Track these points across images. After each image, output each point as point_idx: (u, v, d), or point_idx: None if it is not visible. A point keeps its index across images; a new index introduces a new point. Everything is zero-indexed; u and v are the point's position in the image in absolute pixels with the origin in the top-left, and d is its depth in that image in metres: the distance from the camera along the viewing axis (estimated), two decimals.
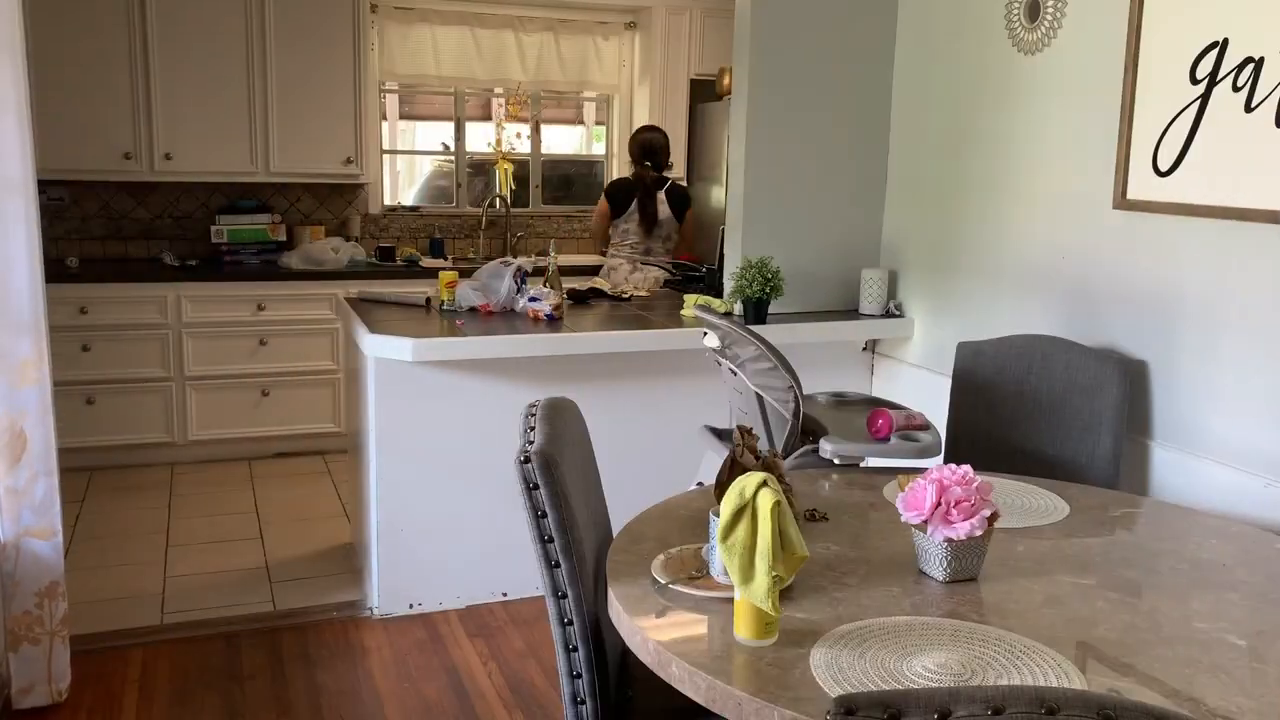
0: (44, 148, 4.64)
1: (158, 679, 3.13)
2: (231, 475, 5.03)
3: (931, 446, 2.64)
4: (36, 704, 2.90)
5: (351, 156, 5.47)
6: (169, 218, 5.53)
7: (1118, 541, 2.15)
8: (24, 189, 2.71)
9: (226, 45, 5.17)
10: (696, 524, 2.08)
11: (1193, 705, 1.46)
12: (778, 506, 1.60)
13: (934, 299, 3.76)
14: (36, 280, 2.76)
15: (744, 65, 3.79)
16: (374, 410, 3.48)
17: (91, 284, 4.92)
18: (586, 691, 1.88)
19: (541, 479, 1.80)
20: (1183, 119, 2.73)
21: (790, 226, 3.88)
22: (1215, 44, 2.63)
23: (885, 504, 2.27)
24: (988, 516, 1.81)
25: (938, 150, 3.70)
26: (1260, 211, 2.54)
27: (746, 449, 1.92)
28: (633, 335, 3.60)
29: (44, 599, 2.87)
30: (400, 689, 3.12)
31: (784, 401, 2.67)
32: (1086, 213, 3.06)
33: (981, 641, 1.61)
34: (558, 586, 1.84)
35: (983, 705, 1.04)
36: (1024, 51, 3.27)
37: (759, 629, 1.59)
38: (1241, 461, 2.64)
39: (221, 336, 5.12)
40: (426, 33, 5.90)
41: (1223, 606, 1.80)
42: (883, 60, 3.90)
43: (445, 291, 3.82)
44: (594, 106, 6.54)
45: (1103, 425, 2.83)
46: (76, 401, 4.85)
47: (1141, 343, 2.91)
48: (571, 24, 6.18)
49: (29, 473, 2.81)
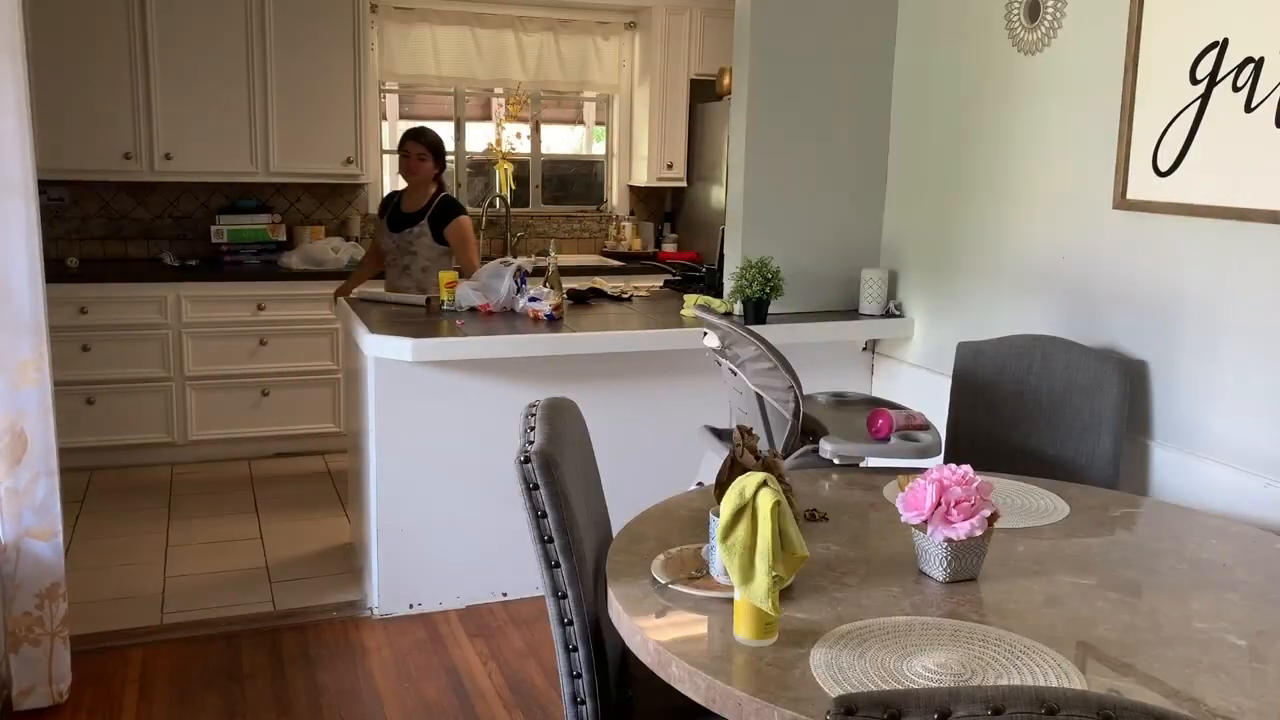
0: (44, 148, 4.64)
1: (158, 679, 3.13)
2: (231, 475, 5.03)
3: (931, 446, 2.64)
4: (37, 705, 2.90)
5: (351, 156, 5.48)
6: (169, 218, 5.53)
7: (1118, 541, 2.15)
8: (24, 189, 2.71)
9: (227, 45, 5.17)
10: (696, 524, 2.08)
11: (1193, 705, 1.46)
12: (778, 506, 1.60)
13: (934, 299, 3.76)
14: (37, 280, 2.76)
15: (744, 65, 3.79)
16: (374, 410, 3.48)
17: (91, 284, 4.93)
18: (586, 691, 1.88)
19: (541, 479, 1.80)
20: (1183, 119, 2.73)
21: (790, 226, 3.87)
22: (1215, 44, 2.63)
23: (885, 504, 2.27)
24: (988, 516, 1.81)
25: (938, 150, 3.70)
26: (1260, 211, 2.54)
27: (746, 449, 1.92)
28: (633, 335, 3.60)
29: (44, 600, 2.87)
30: (400, 689, 3.12)
31: (784, 401, 2.67)
32: (1086, 213, 3.06)
33: (981, 641, 1.61)
34: (558, 586, 1.84)
35: (983, 705, 1.04)
36: (1024, 51, 3.27)
37: (759, 629, 1.59)
38: (1241, 461, 2.64)
39: (221, 336, 5.12)
40: (426, 33, 5.90)
41: (1223, 606, 1.80)
42: (883, 60, 3.90)
43: (445, 291, 3.82)
44: (594, 106, 6.54)
45: (1103, 425, 2.83)
46: (76, 402, 4.85)
47: (1141, 343, 2.91)
48: (571, 24, 6.18)
49: (29, 473, 2.81)
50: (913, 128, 3.83)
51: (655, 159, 6.20)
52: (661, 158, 6.20)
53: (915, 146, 3.82)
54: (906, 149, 3.87)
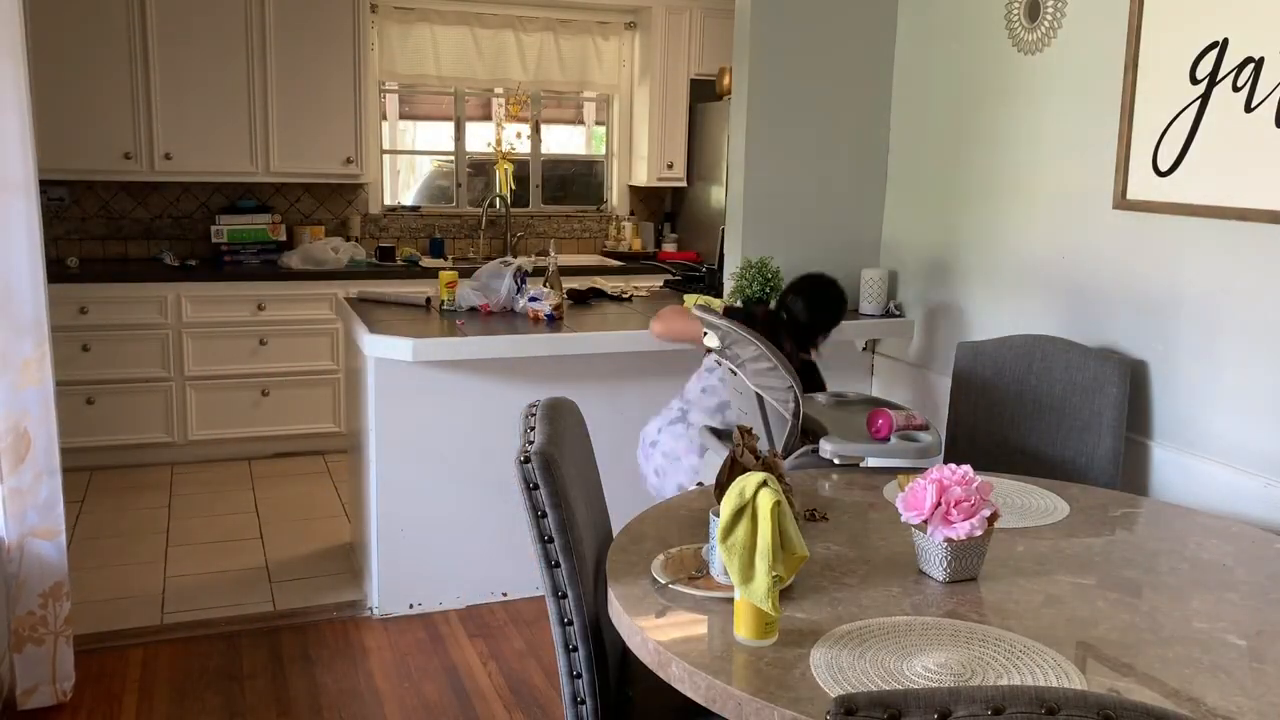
0: (44, 148, 4.62)
1: (158, 679, 3.13)
2: (231, 475, 5.03)
3: (931, 447, 2.64)
4: (41, 704, 2.90)
5: (351, 156, 5.47)
6: (169, 218, 5.53)
7: (1118, 541, 2.15)
8: (25, 189, 2.71)
9: (227, 45, 5.17)
10: (696, 524, 2.08)
11: (1193, 705, 1.46)
12: (778, 506, 1.60)
13: (934, 299, 3.76)
14: (38, 280, 2.76)
15: (744, 65, 3.79)
16: (374, 410, 3.48)
17: (91, 284, 4.93)
18: (586, 691, 1.88)
19: (541, 479, 1.81)
20: (1183, 119, 2.73)
21: (790, 226, 3.87)
22: (1215, 44, 2.63)
23: (885, 504, 2.27)
24: (988, 516, 1.81)
25: (938, 150, 3.70)
26: (1260, 211, 2.54)
27: (746, 449, 1.92)
28: (633, 335, 3.60)
29: (48, 599, 2.87)
30: (400, 689, 3.12)
31: (784, 401, 2.67)
32: (1086, 213, 3.06)
33: (981, 641, 1.61)
34: (558, 586, 1.84)
35: (983, 705, 1.04)
36: (1024, 51, 3.27)
37: (759, 629, 1.59)
38: (1241, 461, 2.64)
39: (221, 336, 5.12)
40: (426, 33, 5.90)
41: (1223, 606, 1.80)
42: (883, 60, 3.90)
43: (445, 291, 3.82)
44: (594, 106, 6.54)
45: (1103, 425, 2.83)
46: (77, 401, 4.85)
47: (1141, 343, 2.91)
48: (571, 24, 6.18)
49: (33, 473, 2.82)
50: (913, 128, 3.83)
51: (655, 159, 6.20)
52: (661, 158, 6.20)
53: (915, 146, 3.82)
54: (906, 149, 3.87)
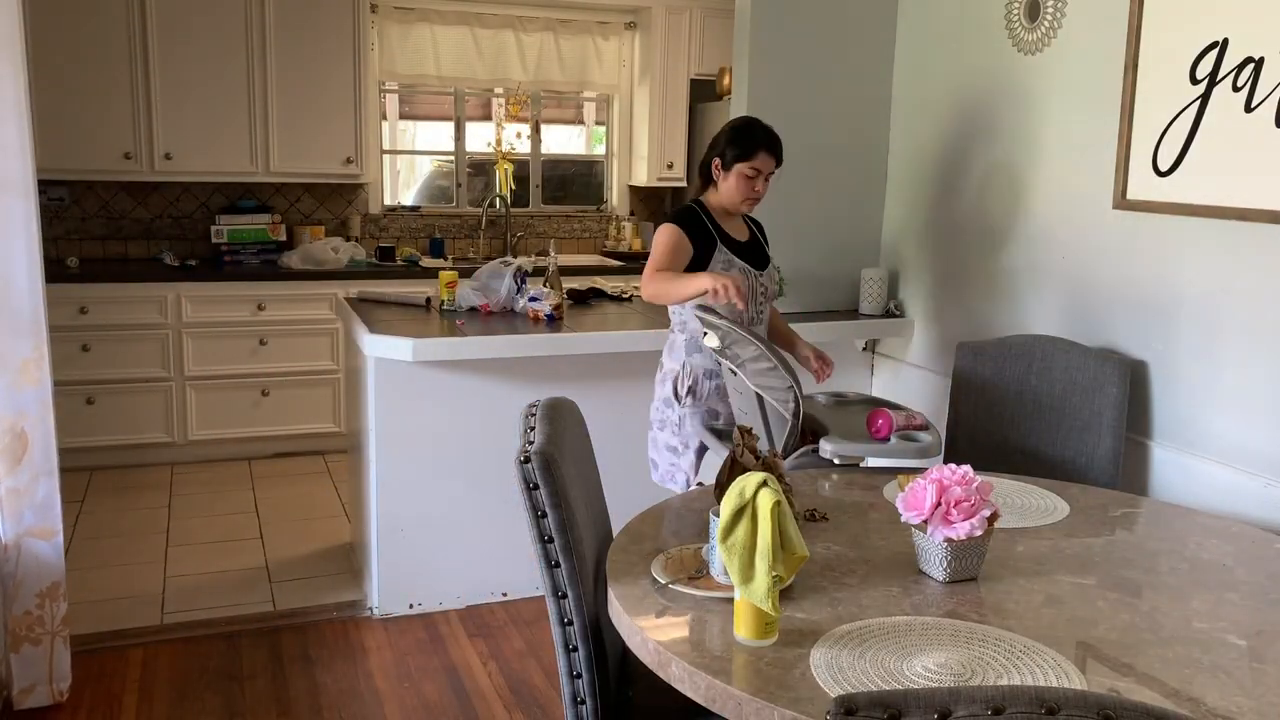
0: (44, 148, 4.65)
1: (158, 679, 3.13)
2: (231, 475, 5.03)
3: (931, 447, 2.64)
4: (37, 704, 2.89)
5: (351, 156, 5.47)
6: (169, 218, 5.53)
7: (1118, 541, 2.15)
8: (24, 189, 2.71)
9: (226, 45, 5.17)
10: (696, 524, 2.08)
11: (1193, 705, 1.46)
12: (778, 506, 1.60)
13: (934, 299, 3.76)
14: (37, 280, 2.76)
15: (744, 65, 3.79)
16: (374, 410, 3.48)
17: (91, 284, 4.92)
18: (586, 691, 1.88)
19: (541, 479, 1.80)
20: (1183, 119, 2.73)
21: (790, 226, 3.87)
22: (1215, 44, 2.63)
23: (885, 504, 2.27)
24: (988, 516, 1.81)
25: (938, 150, 3.70)
26: (1260, 211, 2.54)
27: (746, 449, 1.92)
28: (633, 335, 3.60)
29: (45, 599, 2.87)
30: (400, 689, 3.12)
31: (784, 401, 2.67)
32: (1086, 213, 3.06)
33: (981, 641, 1.61)
34: (558, 586, 1.84)
35: (983, 705, 1.04)
36: (1024, 51, 3.27)
37: (759, 629, 1.59)
38: (1241, 461, 2.64)
39: (221, 336, 5.12)
40: (426, 33, 5.90)
41: (1223, 606, 1.80)
42: (883, 60, 3.90)
43: (445, 291, 3.82)
44: (594, 106, 6.54)
45: (1103, 425, 2.83)
46: (76, 401, 4.85)
47: (1141, 343, 2.91)
48: (571, 24, 6.18)
49: (30, 473, 2.81)
50: (913, 128, 3.83)
51: (655, 159, 6.20)
52: (661, 158, 6.20)
53: (915, 146, 3.82)
54: (906, 149, 3.87)
